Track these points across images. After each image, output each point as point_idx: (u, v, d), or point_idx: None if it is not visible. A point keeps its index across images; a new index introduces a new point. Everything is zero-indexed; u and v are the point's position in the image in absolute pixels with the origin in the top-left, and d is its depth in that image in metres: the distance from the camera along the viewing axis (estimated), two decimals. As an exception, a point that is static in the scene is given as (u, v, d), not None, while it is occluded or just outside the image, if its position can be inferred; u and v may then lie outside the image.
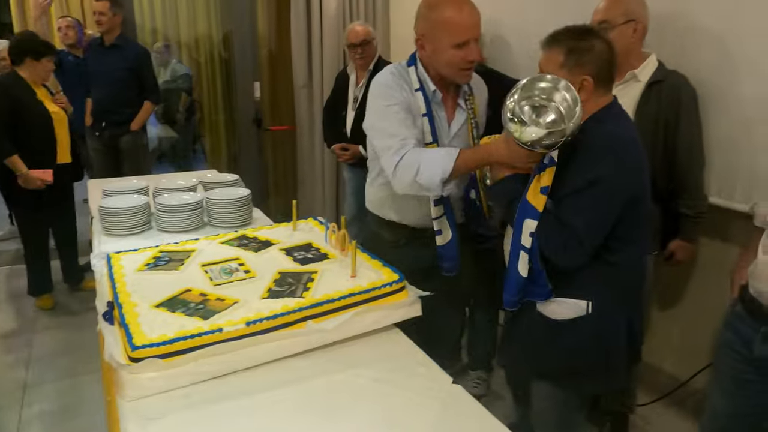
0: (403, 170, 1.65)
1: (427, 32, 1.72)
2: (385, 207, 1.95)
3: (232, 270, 1.61)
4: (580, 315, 1.51)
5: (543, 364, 1.60)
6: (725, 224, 2.17)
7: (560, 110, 1.36)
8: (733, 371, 1.57)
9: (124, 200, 2.25)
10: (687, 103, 2.03)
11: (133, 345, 1.20)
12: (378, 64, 3.22)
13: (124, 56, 3.76)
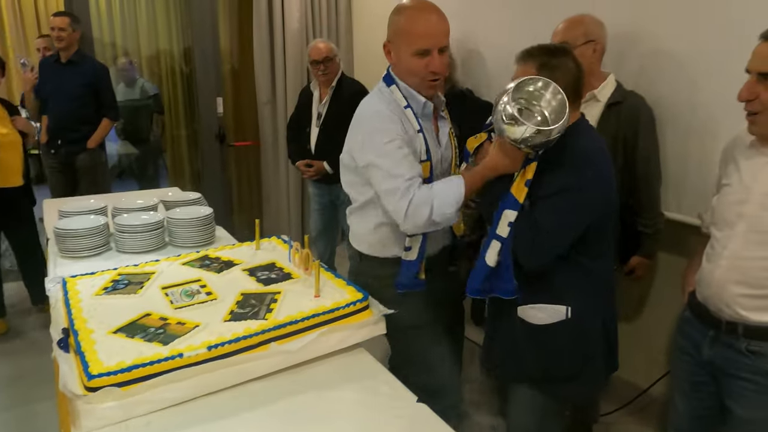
0: (415, 212, 1.54)
1: (392, 38, 1.66)
2: (390, 245, 1.76)
3: (193, 292, 1.59)
4: (560, 320, 1.56)
5: (524, 368, 1.63)
6: (683, 238, 2.24)
7: (547, 111, 1.45)
8: (688, 374, 1.64)
9: (81, 221, 2.19)
10: (645, 123, 2.10)
11: (89, 374, 1.17)
12: (341, 81, 3.24)
13: (82, 73, 3.68)
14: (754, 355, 1.44)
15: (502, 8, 2.88)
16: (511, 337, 1.62)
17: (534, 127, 1.41)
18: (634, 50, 2.28)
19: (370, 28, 4.12)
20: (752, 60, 1.37)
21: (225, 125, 4.28)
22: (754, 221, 1.41)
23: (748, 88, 1.37)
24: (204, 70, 4.15)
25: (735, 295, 1.44)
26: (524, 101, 1.46)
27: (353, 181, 1.75)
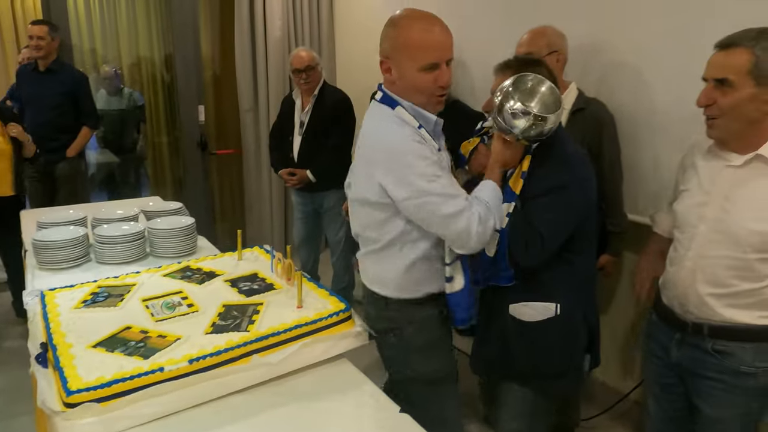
0: (485, 226, 1.46)
1: (391, 53, 1.49)
2: (426, 282, 1.59)
3: (174, 304, 1.58)
4: (549, 317, 1.60)
5: (516, 366, 1.65)
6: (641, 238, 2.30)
7: (544, 103, 1.52)
8: (657, 377, 1.70)
9: (59, 232, 2.16)
10: (608, 129, 2.19)
11: (68, 390, 1.15)
12: (323, 89, 3.24)
13: (61, 81, 3.64)
14: (720, 354, 1.50)
15: (481, 21, 2.93)
16: (502, 337, 1.64)
17: (535, 115, 1.47)
18: (594, 60, 2.39)
19: (353, 36, 4.14)
20: (708, 68, 1.45)
21: (207, 133, 4.26)
22: (715, 223, 1.48)
23: (706, 94, 1.44)
24: (185, 77, 4.12)
25: (703, 295, 1.50)
26: (523, 95, 1.52)
27: (376, 220, 1.55)
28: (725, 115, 1.42)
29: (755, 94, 1.37)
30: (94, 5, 5.81)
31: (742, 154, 1.45)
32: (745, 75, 1.36)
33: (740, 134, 1.44)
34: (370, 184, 1.51)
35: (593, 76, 2.38)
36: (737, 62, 1.37)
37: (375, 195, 1.51)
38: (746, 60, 1.35)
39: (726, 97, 1.40)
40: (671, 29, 2.12)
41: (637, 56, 2.26)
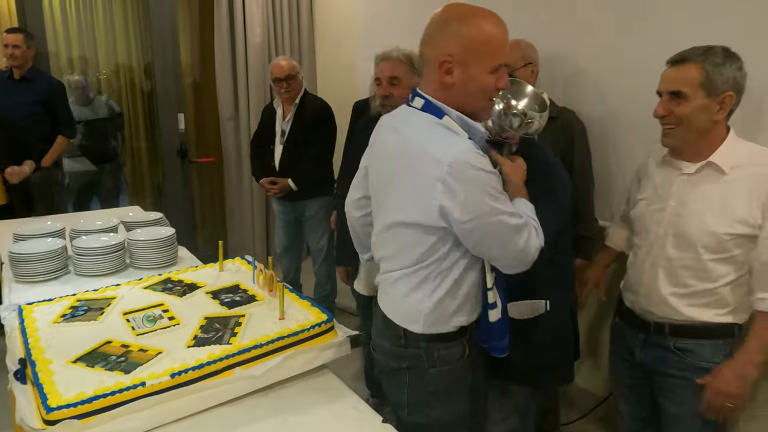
0: (540, 241, 1.40)
1: (461, 54, 1.32)
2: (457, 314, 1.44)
3: (155, 317, 1.57)
4: (540, 314, 1.64)
5: (511, 365, 1.64)
6: None
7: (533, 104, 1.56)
8: (625, 378, 1.79)
9: (37, 244, 2.14)
10: (579, 136, 2.27)
11: (47, 407, 1.15)
12: (304, 98, 3.25)
13: (36, 90, 3.59)
14: (682, 351, 1.59)
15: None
16: None
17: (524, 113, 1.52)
18: (560, 72, 2.49)
19: (333, 43, 4.16)
20: (662, 82, 1.58)
21: (187, 141, 4.23)
22: (672, 227, 1.59)
23: (663, 105, 1.56)
24: (164, 85, 4.10)
25: (665, 295, 1.60)
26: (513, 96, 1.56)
27: (418, 243, 1.37)
28: (681, 124, 1.54)
29: (706, 105, 1.49)
30: (71, 12, 5.75)
31: (693, 162, 1.58)
32: (697, 87, 1.49)
33: (692, 143, 1.56)
34: (421, 204, 1.32)
35: (560, 86, 2.47)
36: (689, 76, 1.49)
37: (429, 217, 1.32)
38: (697, 74, 1.48)
39: (680, 107, 1.52)
40: (633, 39, 2.22)
41: (602, 67, 2.35)
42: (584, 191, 2.28)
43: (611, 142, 2.36)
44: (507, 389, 1.73)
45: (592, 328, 2.63)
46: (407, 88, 2.14)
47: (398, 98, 2.14)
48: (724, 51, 1.50)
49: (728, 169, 1.51)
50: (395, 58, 2.19)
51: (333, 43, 4.16)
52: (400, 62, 2.18)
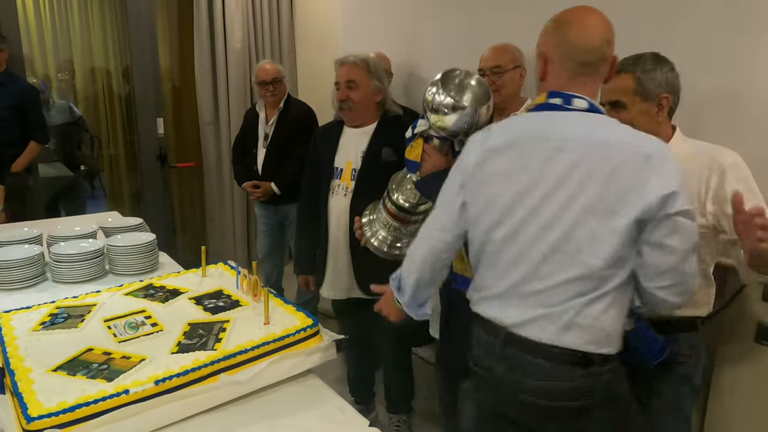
0: None
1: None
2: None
3: (137, 324, 1.55)
4: None
5: None
6: None
7: (476, 96, 1.53)
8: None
9: (13, 251, 2.09)
10: None
11: (28, 416, 1.12)
12: (288, 102, 3.25)
13: (8, 93, 3.51)
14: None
15: (440, 34, 2.99)
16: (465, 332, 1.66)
17: (470, 109, 1.48)
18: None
19: (315, 48, 4.15)
20: (603, 94, 1.64)
21: (166, 146, 4.18)
22: None
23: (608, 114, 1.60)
24: (143, 89, 4.04)
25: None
26: (453, 91, 1.52)
27: (626, 255, 1.23)
28: None
29: (645, 109, 1.57)
30: (45, 14, 5.66)
31: None
32: (632, 95, 1.57)
33: None
34: (635, 200, 1.19)
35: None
36: (624, 85, 1.58)
37: (647, 211, 1.19)
38: (630, 82, 1.57)
39: (622, 115, 1.58)
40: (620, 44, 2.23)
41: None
42: None
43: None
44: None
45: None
46: (365, 91, 2.20)
47: (356, 102, 2.20)
48: (653, 57, 1.58)
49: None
50: (352, 63, 2.22)
51: (314, 46, 4.15)
52: (357, 66, 2.21)
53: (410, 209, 1.66)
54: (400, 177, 1.74)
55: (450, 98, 1.46)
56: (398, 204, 1.68)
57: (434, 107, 1.46)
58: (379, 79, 2.22)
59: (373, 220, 1.80)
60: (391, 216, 1.71)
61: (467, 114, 1.45)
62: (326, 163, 2.30)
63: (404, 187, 1.70)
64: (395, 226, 1.70)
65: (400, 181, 1.73)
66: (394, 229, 1.72)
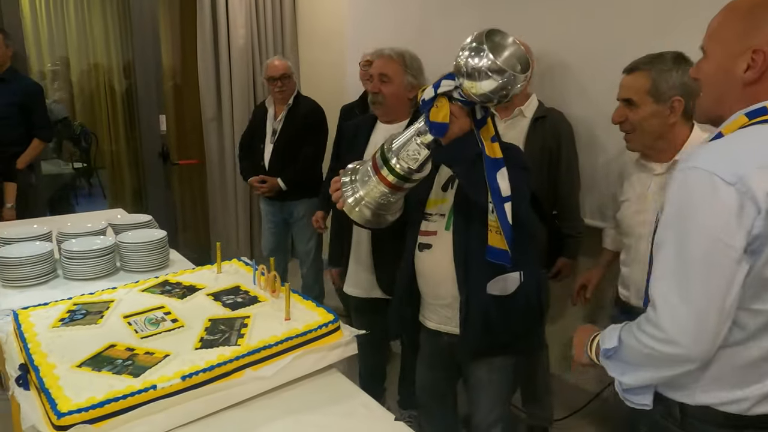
0: None
1: None
2: None
3: (158, 320, 1.54)
4: (517, 285, 1.68)
5: (498, 338, 1.70)
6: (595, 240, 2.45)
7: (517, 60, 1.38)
8: None
9: (25, 248, 2.08)
10: (566, 136, 2.31)
11: (58, 412, 1.12)
12: (297, 99, 3.25)
13: (12, 91, 3.49)
14: None
15: (449, 32, 2.99)
16: (485, 316, 1.68)
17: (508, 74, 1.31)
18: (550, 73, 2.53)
19: (317, 45, 4.15)
20: (619, 90, 1.66)
21: (168, 143, 4.17)
22: (654, 226, 1.62)
23: (618, 112, 1.66)
24: (146, 86, 4.03)
25: None
26: (491, 54, 1.34)
27: None
28: (636, 129, 1.63)
29: (656, 110, 1.58)
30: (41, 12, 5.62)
31: (661, 162, 1.67)
32: (645, 94, 1.58)
33: (652, 146, 1.65)
34: None
35: (548, 87, 2.51)
36: (638, 84, 1.59)
37: None
38: (645, 81, 1.58)
39: (633, 114, 1.61)
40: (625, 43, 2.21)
41: (593, 70, 2.39)
42: (570, 191, 2.33)
43: (599, 142, 2.41)
44: (493, 364, 1.76)
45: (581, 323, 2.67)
46: (398, 86, 2.15)
47: (387, 96, 2.14)
48: (673, 57, 1.57)
49: None
50: (387, 56, 2.17)
51: (319, 44, 4.15)
52: (392, 60, 2.16)
53: (407, 176, 1.52)
54: (401, 142, 1.55)
55: (487, 61, 1.31)
56: (395, 170, 1.52)
57: (469, 70, 1.32)
58: (414, 75, 2.15)
59: (355, 182, 1.62)
60: (385, 183, 1.55)
61: (505, 81, 1.31)
62: (357, 159, 2.27)
63: (406, 153, 1.52)
64: (385, 192, 1.56)
65: (402, 146, 1.54)
66: (382, 196, 1.57)
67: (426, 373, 1.93)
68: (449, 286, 1.70)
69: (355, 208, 1.61)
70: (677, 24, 2.06)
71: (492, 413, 1.79)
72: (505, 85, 1.33)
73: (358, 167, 1.66)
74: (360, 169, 1.64)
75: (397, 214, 1.72)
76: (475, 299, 1.67)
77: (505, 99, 1.38)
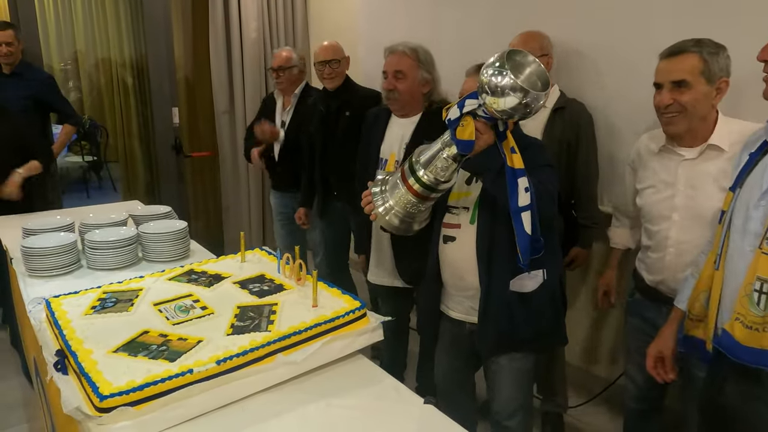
0: None
1: None
2: None
3: (187, 307, 1.58)
4: (540, 283, 1.73)
5: (521, 335, 1.74)
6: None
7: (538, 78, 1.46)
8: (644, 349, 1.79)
9: (49, 239, 2.12)
10: (585, 127, 2.32)
11: (100, 395, 1.15)
12: (305, 90, 3.26)
13: (26, 85, 3.52)
14: None
15: (466, 25, 3.00)
16: (508, 312, 1.71)
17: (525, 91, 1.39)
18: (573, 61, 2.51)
19: (328, 37, 4.14)
20: (661, 74, 1.66)
21: (181, 136, 4.20)
22: (686, 210, 1.69)
23: (668, 95, 1.64)
24: (158, 79, 4.05)
25: (687, 275, 1.64)
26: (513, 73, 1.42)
27: None
28: (685, 111, 1.62)
29: (707, 91, 1.59)
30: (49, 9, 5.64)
31: (692, 146, 1.68)
32: (698, 75, 1.58)
33: (694, 128, 1.66)
34: None
35: (567, 76, 2.50)
36: (690, 65, 1.59)
37: None
38: (698, 63, 1.58)
39: (684, 95, 1.60)
40: (644, 32, 2.25)
41: (613, 60, 2.38)
42: (587, 181, 2.34)
43: (616, 131, 2.41)
44: (514, 358, 1.79)
45: (600, 317, 2.70)
46: (412, 82, 2.18)
47: (403, 92, 2.18)
48: (712, 42, 1.60)
49: (727, 147, 1.62)
50: (401, 52, 2.19)
51: (330, 37, 4.14)
52: (406, 56, 2.18)
53: (433, 186, 1.63)
54: (429, 156, 1.64)
55: (509, 79, 1.40)
56: (422, 181, 1.62)
57: (491, 88, 1.41)
58: (427, 69, 2.19)
59: (385, 192, 1.73)
60: (412, 192, 1.66)
61: (527, 98, 1.40)
62: (373, 152, 2.31)
63: (434, 165, 1.62)
64: (413, 201, 1.66)
65: (430, 159, 1.64)
66: (411, 205, 1.68)
67: (446, 361, 1.96)
68: (472, 278, 1.74)
69: (385, 217, 1.70)
70: (697, 10, 2.06)
71: (513, 402, 1.82)
72: (527, 102, 1.41)
73: (388, 178, 1.76)
74: (389, 180, 1.74)
75: (424, 224, 1.80)
76: (495, 292, 1.70)
77: (528, 115, 1.45)
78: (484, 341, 1.77)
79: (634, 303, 1.93)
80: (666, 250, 1.74)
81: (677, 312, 1.64)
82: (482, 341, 1.77)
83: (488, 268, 1.70)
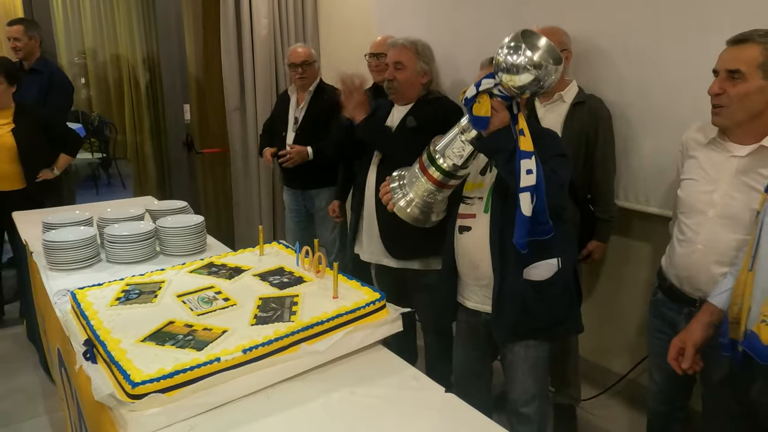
0: None
1: None
2: None
3: (210, 299, 1.61)
4: (554, 271, 1.75)
5: (535, 323, 1.77)
6: (630, 223, 2.57)
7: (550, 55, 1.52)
8: (666, 350, 1.74)
9: (69, 233, 2.15)
10: (604, 122, 2.33)
11: (132, 382, 1.18)
12: (321, 87, 3.28)
13: (43, 82, 3.56)
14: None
15: (482, 21, 3.00)
16: (522, 300, 1.74)
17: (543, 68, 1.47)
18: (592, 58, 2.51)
19: (338, 34, 4.18)
20: (719, 61, 1.58)
21: (192, 132, 4.23)
22: (723, 208, 1.61)
23: (718, 83, 1.57)
24: (170, 76, 4.09)
25: (716, 275, 1.62)
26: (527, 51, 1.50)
27: None
28: (733, 104, 1.54)
29: (763, 86, 1.50)
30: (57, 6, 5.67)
31: (744, 144, 1.59)
32: (756, 68, 1.50)
33: (743, 124, 1.57)
34: None
35: (586, 72, 2.50)
36: (749, 56, 1.50)
37: None
38: (758, 54, 1.49)
39: (736, 87, 1.52)
40: (665, 28, 2.24)
41: (630, 57, 2.37)
42: (605, 176, 2.36)
43: (633, 128, 2.40)
44: (529, 345, 1.80)
45: (612, 307, 2.71)
46: (410, 72, 2.29)
47: (401, 82, 2.30)
48: None
49: None
50: (401, 45, 2.31)
51: (338, 33, 4.18)
52: (406, 48, 2.30)
53: (452, 172, 1.70)
54: (446, 141, 1.71)
55: (524, 57, 1.48)
56: (441, 168, 1.69)
57: (508, 66, 1.49)
58: (426, 61, 2.31)
59: (404, 187, 1.80)
60: (432, 180, 1.72)
61: (540, 73, 1.47)
62: None
63: (451, 150, 1.69)
64: (431, 189, 1.73)
65: (447, 144, 1.70)
66: (429, 194, 1.75)
67: (463, 351, 1.98)
68: (487, 268, 1.76)
69: (406, 209, 1.78)
70: (715, 5, 2.05)
71: (528, 390, 1.84)
72: (541, 76, 1.49)
73: (404, 173, 1.82)
74: (406, 174, 1.81)
75: (442, 215, 1.85)
76: (509, 281, 1.73)
77: (541, 90, 1.53)
78: (499, 329, 1.79)
79: (655, 302, 1.88)
80: (695, 246, 1.66)
81: (708, 306, 1.57)
82: (497, 329, 1.80)
83: (501, 256, 1.73)
